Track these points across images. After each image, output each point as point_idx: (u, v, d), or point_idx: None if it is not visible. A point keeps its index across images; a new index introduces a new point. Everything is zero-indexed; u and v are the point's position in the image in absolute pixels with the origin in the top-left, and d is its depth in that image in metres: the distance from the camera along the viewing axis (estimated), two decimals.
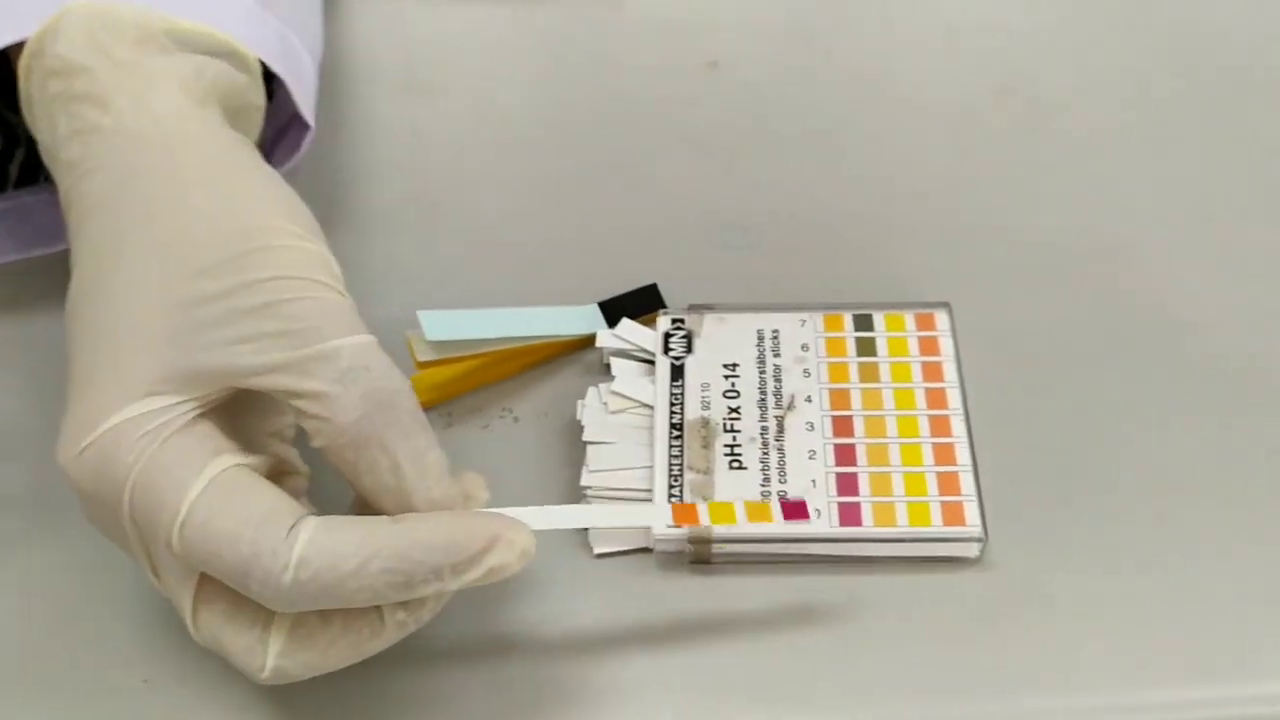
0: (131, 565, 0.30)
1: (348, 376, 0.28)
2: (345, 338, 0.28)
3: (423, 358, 0.37)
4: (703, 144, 0.47)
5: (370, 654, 0.29)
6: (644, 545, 0.36)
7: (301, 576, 0.26)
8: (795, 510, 0.34)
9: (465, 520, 0.28)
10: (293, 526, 0.27)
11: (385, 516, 0.28)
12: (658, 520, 0.34)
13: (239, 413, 0.31)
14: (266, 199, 0.31)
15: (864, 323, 0.39)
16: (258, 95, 0.36)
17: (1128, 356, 0.39)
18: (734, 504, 0.33)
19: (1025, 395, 0.39)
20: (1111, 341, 0.40)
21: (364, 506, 0.30)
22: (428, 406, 0.39)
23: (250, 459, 0.28)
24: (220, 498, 0.27)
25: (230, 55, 0.34)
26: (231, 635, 0.28)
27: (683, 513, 0.33)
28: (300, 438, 0.32)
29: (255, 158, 0.33)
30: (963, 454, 0.36)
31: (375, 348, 0.29)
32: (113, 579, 0.35)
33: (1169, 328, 0.40)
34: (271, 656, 0.28)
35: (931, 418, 0.37)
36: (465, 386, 0.40)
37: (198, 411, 0.28)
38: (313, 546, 0.26)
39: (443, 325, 0.37)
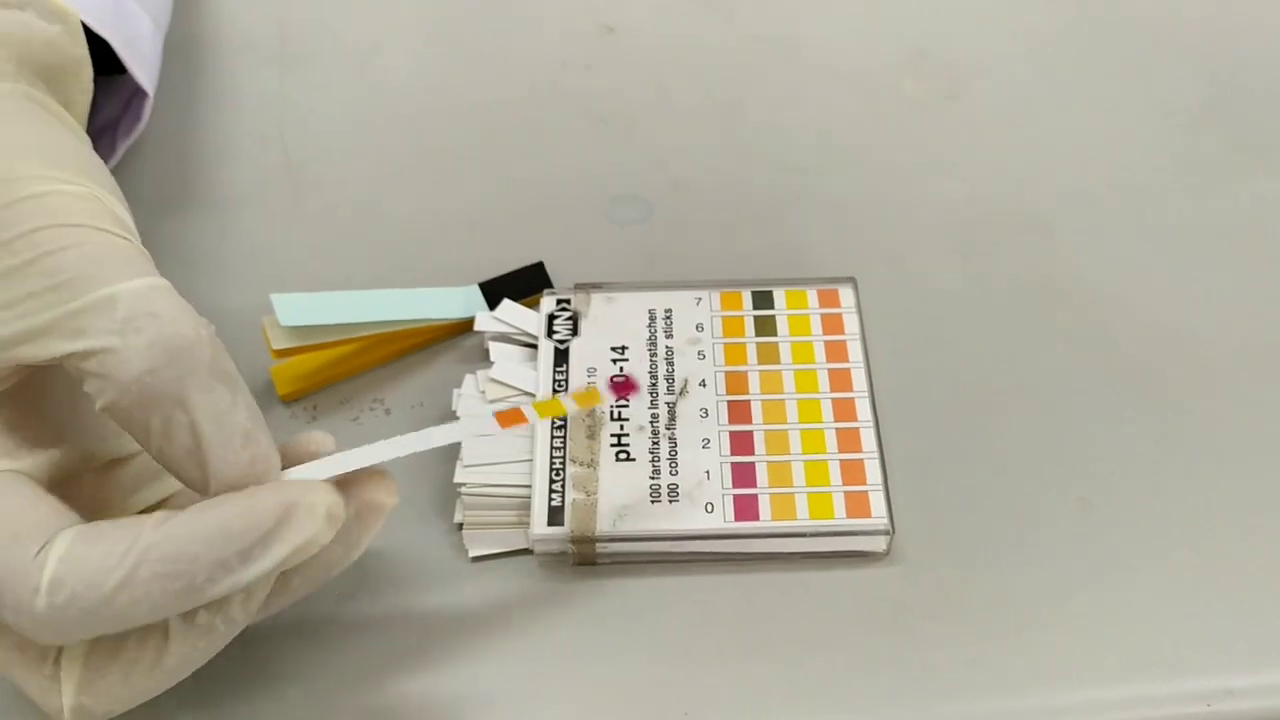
0: None
1: (129, 326, 0.24)
2: (121, 283, 0.24)
3: (278, 345, 0.34)
4: (596, 112, 0.43)
5: (186, 669, 0.25)
6: (523, 547, 0.32)
7: (57, 600, 0.22)
8: (625, 387, 0.32)
9: (247, 498, 0.24)
10: (46, 543, 0.23)
11: (159, 513, 0.24)
12: (467, 433, 0.31)
13: (37, 400, 0.27)
14: (22, 148, 0.27)
15: (763, 300, 0.36)
16: (76, 49, 0.32)
17: (1045, 334, 0.37)
18: (559, 398, 0.31)
19: (936, 376, 0.36)
20: (1028, 318, 0.37)
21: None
22: (291, 399, 0.36)
23: (21, 462, 0.25)
24: None
25: (37, 5, 0.30)
26: (22, 674, 0.24)
27: (507, 417, 0.30)
28: None
29: (27, 109, 0.29)
30: (869, 440, 0.33)
31: (164, 291, 0.25)
32: None
33: (1088, 302, 0.38)
34: (68, 695, 0.24)
35: (835, 401, 0.34)
36: (331, 377, 0.36)
37: None
38: (66, 564, 0.22)
39: (298, 310, 0.34)
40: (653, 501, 0.32)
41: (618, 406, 0.34)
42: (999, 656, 0.30)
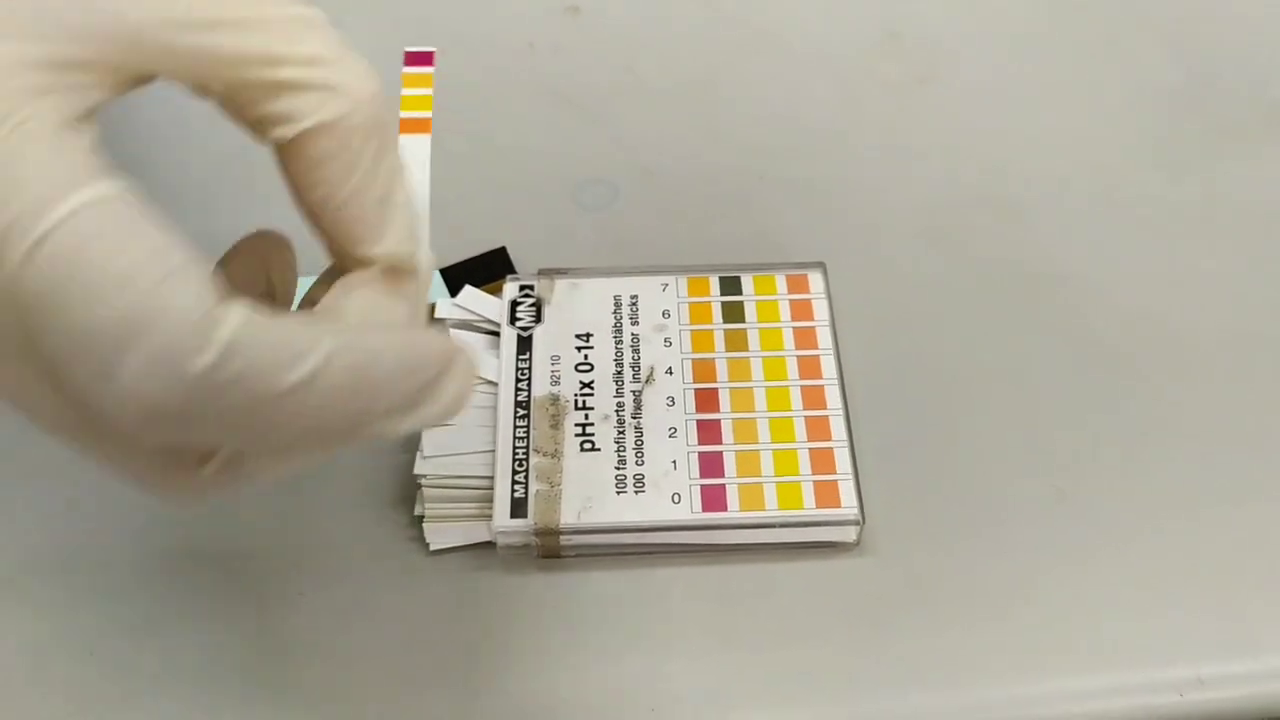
0: None
1: (345, 49, 0.20)
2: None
3: None
4: (562, 94, 0.42)
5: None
6: (486, 539, 0.32)
7: (221, 372, 0.17)
8: None
9: (409, 335, 0.21)
10: (218, 303, 0.18)
11: (329, 321, 0.21)
12: None
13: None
14: None
15: (731, 286, 0.35)
16: None
17: (1016, 319, 0.36)
18: None
19: (908, 363, 0.35)
20: (999, 304, 0.37)
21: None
22: None
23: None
24: (104, 224, 0.17)
25: None
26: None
27: None
28: None
29: None
30: (838, 428, 0.32)
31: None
32: None
33: (1062, 288, 0.37)
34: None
35: (805, 389, 0.33)
36: None
37: (85, 106, 0.19)
38: (249, 331, 0.17)
39: None
40: (618, 492, 0.31)
41: (582, 395, 0.33)
42: (970, 647, 0.30)
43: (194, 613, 0.31)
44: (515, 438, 0.32)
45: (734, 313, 0.35)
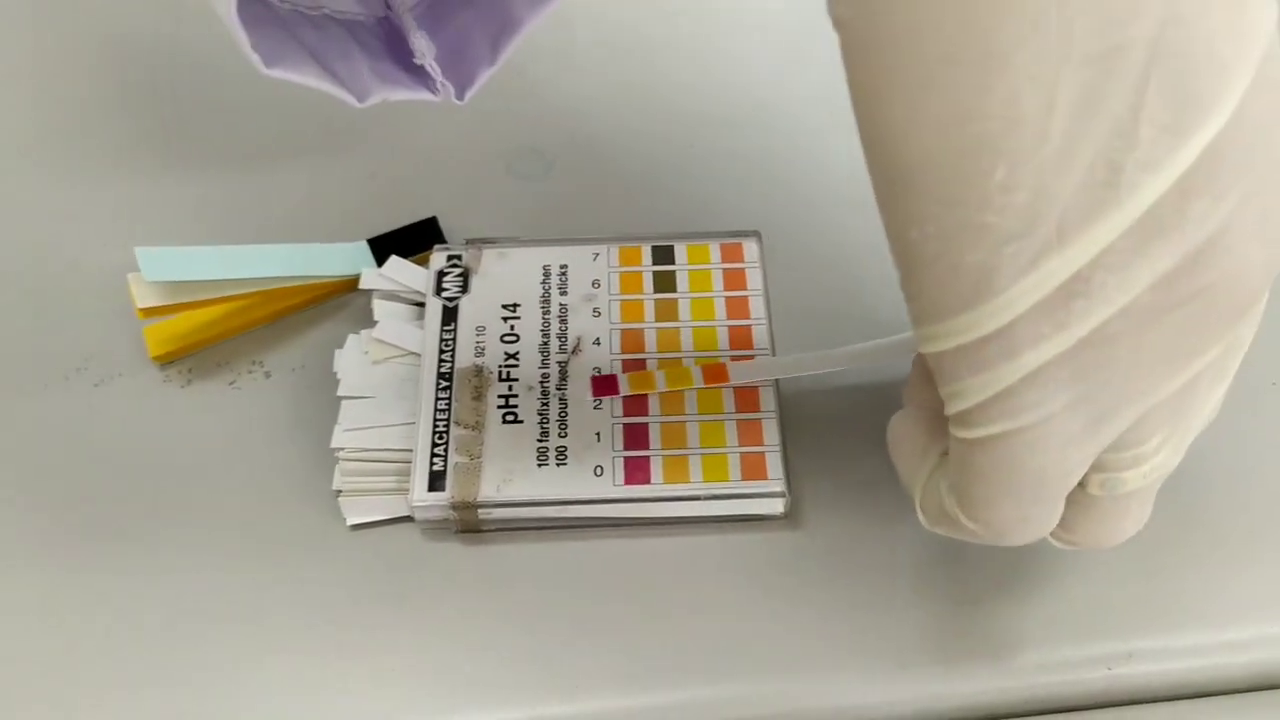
0: None
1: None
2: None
3: (143, 302, 0.32)
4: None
5: None
6: (405, 514, 0.31)
7: None
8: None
9: None
10: None
11: None
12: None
13: None
14: None
15: (664, 255, 0.35)
16: None
17: None
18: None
19: (842, 334, 0.34)
20: None
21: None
22: (164, 361, 0.34)
23: None
24: None
25: None
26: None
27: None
28: None
29: None
30: (768, 400, 0.32)
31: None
32: None
33: None
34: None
35: (735, 359, 0.32)
36: (209, 338, 0.34)
37: None
38: None
39: (165, 265, 0.32)
40: (539, 465, 0.30)
41: (506, 366, 0.32)
42: (894, 624, 0.29)
43: (102, 590, 0.30)
44: (436, 410, 0.31)
45: (665, 282, 0.34)
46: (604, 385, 0.31)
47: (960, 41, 0.18)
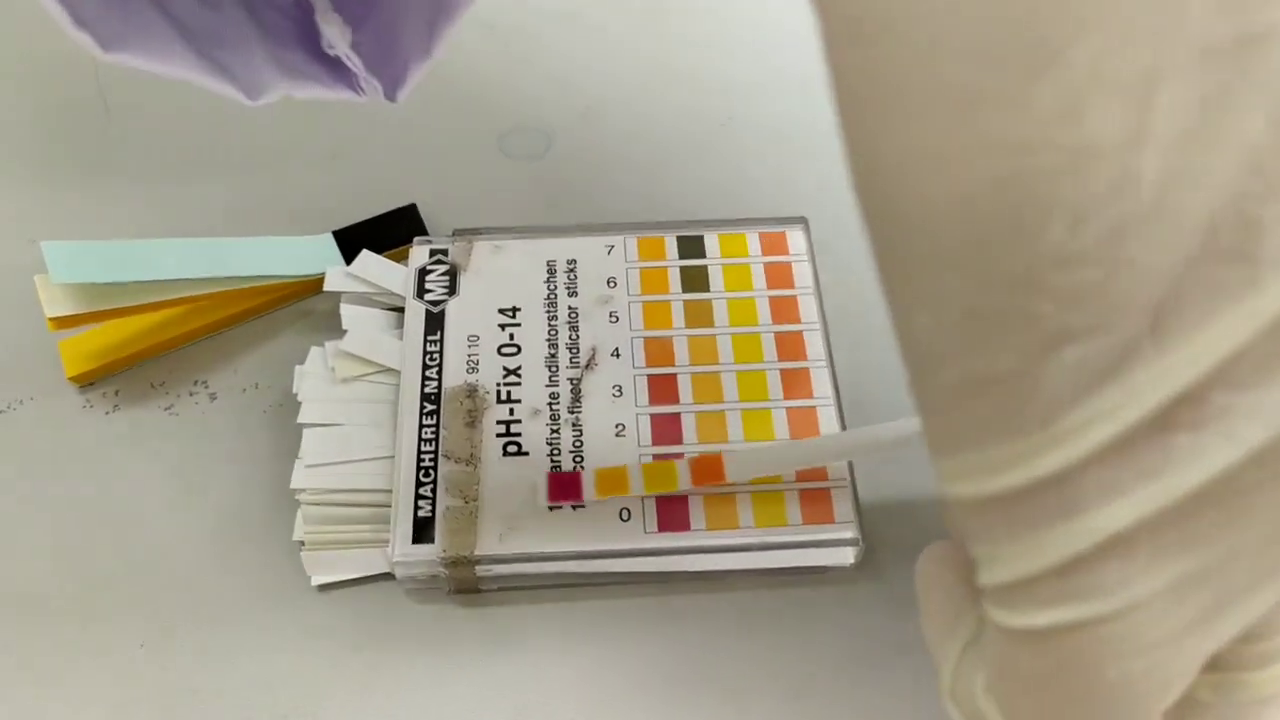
0: None
1: None
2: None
3: (53, 311, 0.26)
4: (485, 23, 0.35)
5: None
6: (383, 571, 0.25)
7: None
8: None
9: None
10: None
11: None
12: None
13: None
14: None
15: (692, 247, 0.29)
16: None
17: None
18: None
19: None
20: None
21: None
22: (83, 382, 0.28)
23: None
24: None
25: None
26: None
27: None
28: None
29: None
30: (829, 422, 0.26)
31: None
32: None
33: None
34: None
35: (785, 372, 0.26)
36: (138, 353, 0.28)
37: None
38: None
39: (79, 263, 0.26)
40: (551, 508, 0.24)
41: (506, 384, 0.26)
42: None
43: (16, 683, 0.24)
44: (421, 440, 0.25)
45: (696, 280, 0.28)
46: (563, 487, 0.24)
47: (991, 26, 0.12)
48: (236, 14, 0.22)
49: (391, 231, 0.30)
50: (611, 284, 0.28)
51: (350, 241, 0.30)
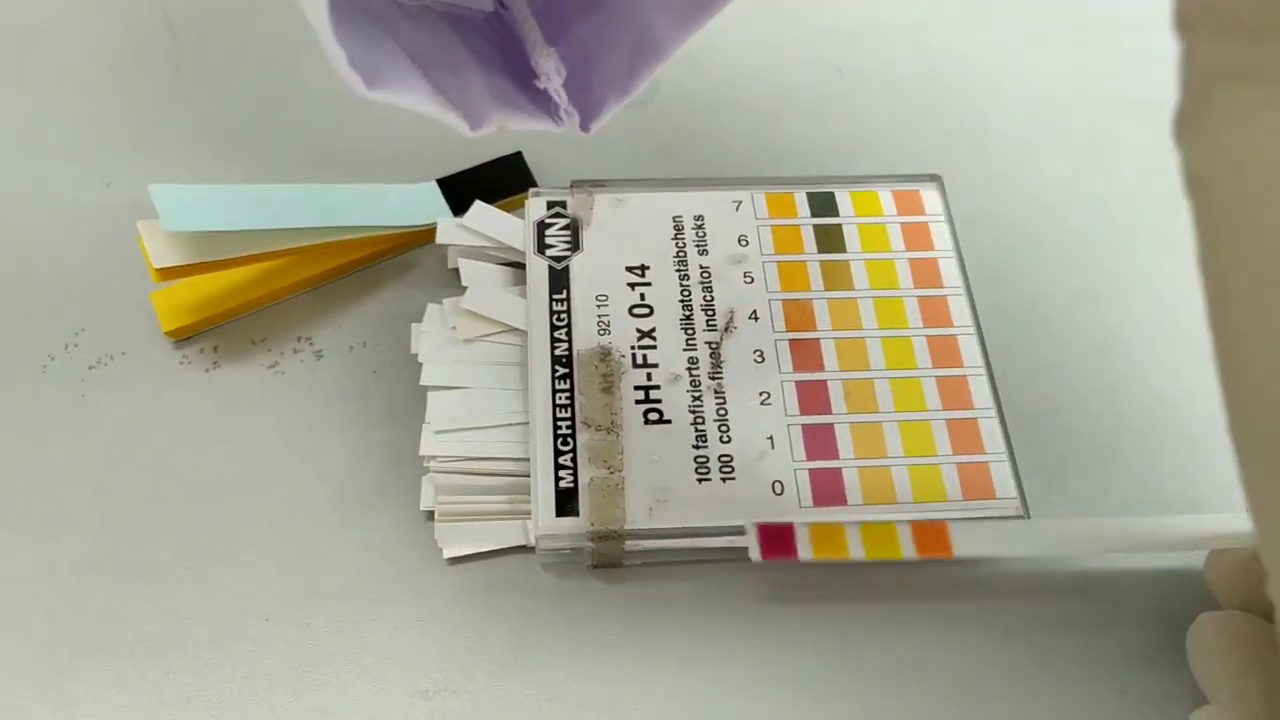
0: None
1: None
2: None
3: (161, 261, 0.24)
4: None
5: None
6: (521, 543, 0.23)
7: None
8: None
9: None
10: None
11: None
12: None
13: None
14: None
15: (824, 204, 0.27)
16: None
17: (1187, 244, 0.29)
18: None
19: (1047, 304, 0.28)
20: (1162, 223, 0.29)
21: None
22: (180, 337, 0.26)
23: None
24: None
25: None
26: None
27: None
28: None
29: None
30: (981, 392, 0.25)
31: None
32: None
33: None
34: None
35: (932, 339, 0.25)
36: (238, 307, 0.26)
37: None
38: None
39: (189, 208, 0.24)
40: (700, 480, 0.23)
41: (641, 348, 0.25)
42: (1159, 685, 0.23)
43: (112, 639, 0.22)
44: (555, 406, 0.24)
45: (831, 239, 0.27)
46: (776, 543, 0.22)
47: None
48: (446, 35, 0.21)
49: (499, 181, 0.28)
50: (743, 242, 0.26)
51: (456, 191, 0.28)
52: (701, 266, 0.26)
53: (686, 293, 0.26)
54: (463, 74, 0.20)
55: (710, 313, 0.25)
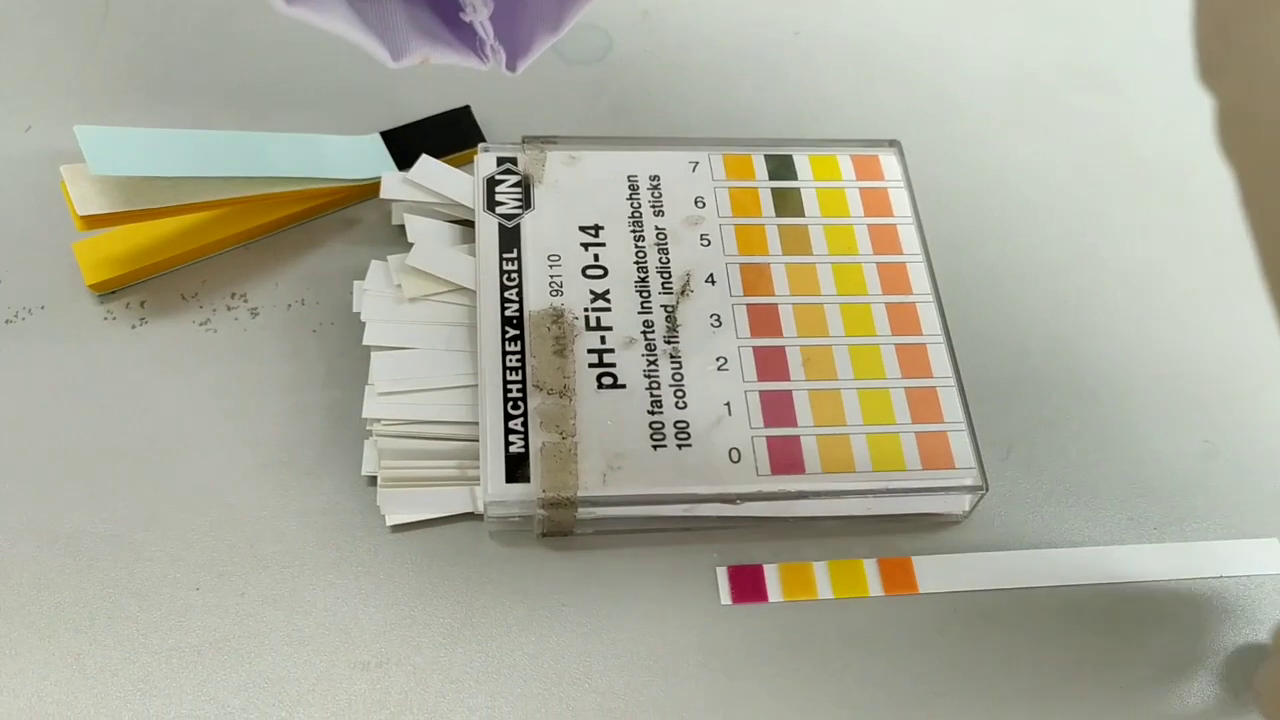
0: None
1: None
2: None
3: (86, 208, 0.22)
4: None
5: None
6: (467, 510, 0.23)
7: None
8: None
9: None
10: None
11: None
12: None
13: None
14: None
15: (782, 167, 0.27)
16: None
17: (1135, 215, 0.29)
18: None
19: (1005, 272, 0.27)
20: (1111, 192, 0.29)
21: None
22: (104, 291, 0.25)
23: None
24: None
25: None
26: None
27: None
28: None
29: None
30: (940, 360, 0.24)
31: None
32: None
33: (1184, 178, 0.30)
34: None
35: (891, 307, 0.25)
36: (169, 260, 0.25)
37: None
38: None
39: (117, 152, 0.22)
40: (655, 446, 0.22)
41: (595, 310, 0.24)
42: (1130, 657, 0.23)
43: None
44: (505, 368, 0.23)
45: (789, 203, 0.26)
46: (746, 586, 0.23)
47: None
48: None
49: (446, 135, 0.27)
50: (700, 204, 0.26)
51: (403, 144, 0.27)
52: (657, 228, 0.25)
53: (642, 254, 0.25)
54: (386, 7, 0.19)
55: (666, 275, 0.25)
